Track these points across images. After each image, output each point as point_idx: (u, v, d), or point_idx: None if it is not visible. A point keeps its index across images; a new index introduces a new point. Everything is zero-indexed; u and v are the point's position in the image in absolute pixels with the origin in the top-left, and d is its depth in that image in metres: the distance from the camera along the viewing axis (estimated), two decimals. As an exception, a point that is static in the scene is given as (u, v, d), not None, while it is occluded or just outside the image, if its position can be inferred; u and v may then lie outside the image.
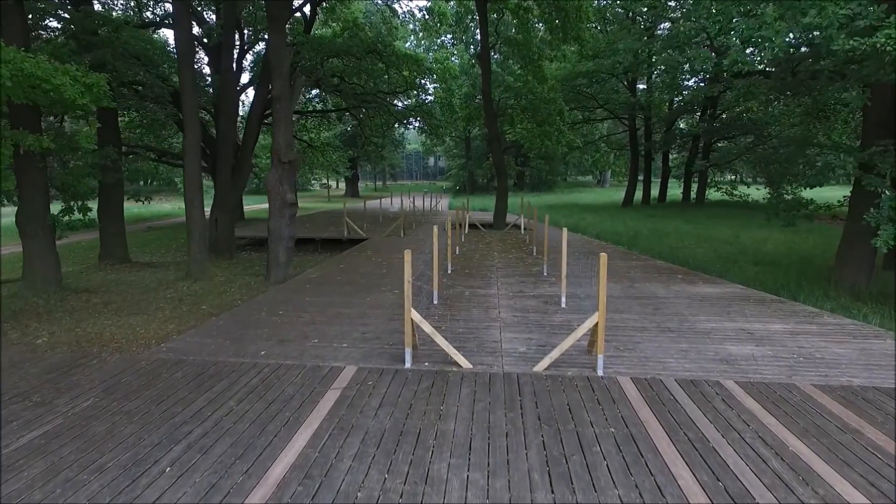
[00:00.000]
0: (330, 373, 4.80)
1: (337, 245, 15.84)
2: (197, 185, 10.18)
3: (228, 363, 5.05)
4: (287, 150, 9.69)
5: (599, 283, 4.71)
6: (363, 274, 9.70)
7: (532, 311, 7.04)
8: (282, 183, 9.79)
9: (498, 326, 6.30)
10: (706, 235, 16.18)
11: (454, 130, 27.31)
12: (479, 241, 14.46)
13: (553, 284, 8.69)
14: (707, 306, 7.23)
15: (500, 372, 4.82)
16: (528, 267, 10.43)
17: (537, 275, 9.56)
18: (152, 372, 4.88)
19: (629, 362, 5.10)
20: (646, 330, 6.15)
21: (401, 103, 27.00)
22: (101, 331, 7.53)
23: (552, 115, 17.88)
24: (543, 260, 9.90)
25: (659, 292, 8.13)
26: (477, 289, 8.41)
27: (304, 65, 20.80)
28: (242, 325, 6.39)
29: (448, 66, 25.10)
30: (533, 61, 17.92)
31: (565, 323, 6.42)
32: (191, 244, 10.32)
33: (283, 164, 9.71)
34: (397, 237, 15.61)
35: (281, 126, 9.66)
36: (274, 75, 9.57)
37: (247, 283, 10.20)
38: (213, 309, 8.52)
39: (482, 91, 17.58)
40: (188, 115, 9.91)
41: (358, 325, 6.37)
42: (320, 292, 8.18)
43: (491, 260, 11.30)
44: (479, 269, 10.17)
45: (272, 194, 9.82)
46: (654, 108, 29.10)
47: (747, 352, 5.37)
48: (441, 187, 61.73)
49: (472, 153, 50.44)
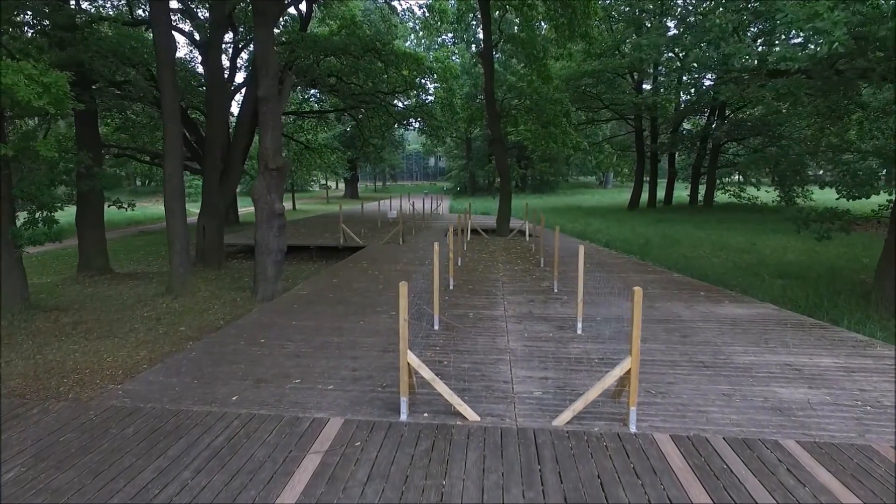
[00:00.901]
0: (310, 428, 4.03)
1: (333, 253, 15.07)
2: (178, 192, 9.41)
3: (192, 414, 4.28)
4: (275, 156, 8.92)
5: (633, 322, 3.94)
6: (357, 291, 8.92)
7: (545, 338, 6.27)
8: (269, 191, 9.02)
9: (507, 360, 5.52)
10: (720, 243, 15.40)
11: (455, 131, 26.53)
12: (482, 250, 13.68)
13: (566, 304, 7.91)
14: (740, 333, 6.45)
15: (513, 426, 4.05)
16: (537, 282, 9.65)
17: (547, 292, 8.79)
18: (100, 426, 4.10)
19: (664, 411, 4.32)
20: (676, 365, 5.37)
21: (401, 104, 26.23)
22: (65, 358, 6.78)
23: (558, 115, 17.10)
24: (553, 274, 9.13)
25: (683, 314, 7.35)
26: (482, 309, 7.63)
27: (299, 64, 20.04)
28: (217, 359, 5.62)
29: (449, 66, 24.33)
30: (537, 60, 17.14)
31: (584, 356, 5.64)
32: (172, 257, 9.55)
33: (270, 171, 8.94)
34: (396, 244, 14.84)
35: (269, 129, 8.89)
36: (261, 74, 8.79)
37: (232, 299, 9.44)
38: (192, 331, 7.77)
39: (484, 90, 16.81)
40: (168, 116, 9.15)
41: (348, 358, 5.60)
42: (309, 314, 7.41)
43: (495, 273, 10.52)
44: (484, 284, 9.39)
45: (259, 203, 9.05)
46: (661, 108, 28.32)
47: (801, 397, 4.59)
48: (441, 188, 60.97)
49: (473, 154, 49.67)
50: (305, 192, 59.49)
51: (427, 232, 18.29)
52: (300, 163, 27.53)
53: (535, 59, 17.06)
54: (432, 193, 49.29)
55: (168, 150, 9.23)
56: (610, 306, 7.77)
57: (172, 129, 9.16)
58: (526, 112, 18.14)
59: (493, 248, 14.24)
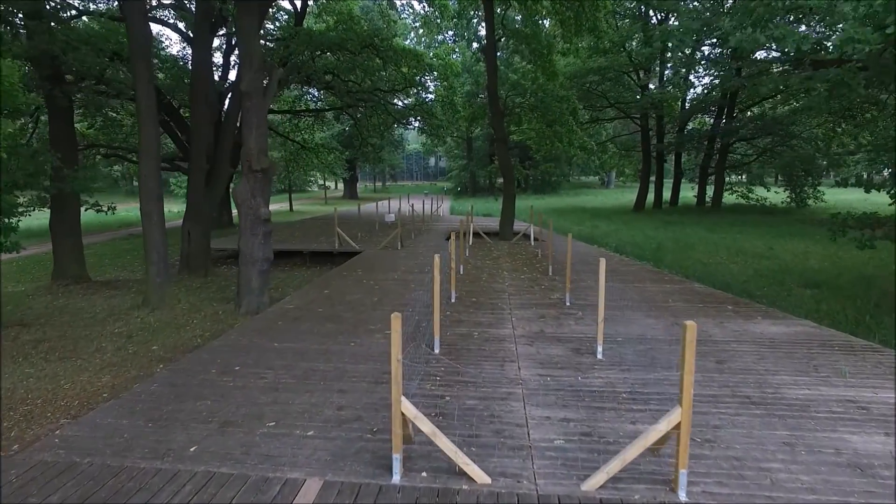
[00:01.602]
0: (282, 492, 3.24)
1: (327, 259, 14.28)
2: (154, 195, 8.62)
3: (137, 473, 3.49)
4: (260, 156, 8.13)
5: (683, 364, 3.15)
6: (350, 304, 8.13)
7: (561, 364, 5.47)
8: (254, 195, 8.23)
9: (520, 394, 4.73)
10: (736, 247, 14.60)
11: (456, 131, 25.75)
12: (485, 256, 12.88)
13: (581, 321, 7.11)
14: (783, 357, 5.66)
15: (532, 491, 3.26)
16: (546, 293, 8.85)
17: (558, 305, 7.99)
18: (19, 492, 3.31)
19: (717, 469, 3.53)
20: (719, 401, 4.58)
21: (400, 102, 25.44)
22: (16, 385, 6.01)
23: (564, 114, 16.29)
24: (565, 286, 8.33)
25: (714, 333, 6.55)
26: (487, 327, 6.84)
27: (294, 60, 19.25)
28: (181, 392, 4.83)
29: (450, 63, 23.54)
30: (543, 55, 16.34)
31: (608, 388, 4.85)
32: (148, 266, 8.77)
33: (254, 173, 8.15)
34: (394, 249, 14.04)
35: (253, 127, 8.10)
36: (243, 66, 8.00)
37: (213, 312, 8.65)
38: (165, 351, 6.99)
39: (487, 88, 16.01)
40: (144, 114, 8.35)
41: (334, 391, 4.80)
42: (294, 334, 6.62)
43: (501, 282, 9.73)
44: (488, 296, 8.60)
45: (243, 209, 8.26)
46: (667, 106, 27.51)
47: (878, 447, 3.80)
48: (442, 188, 60.17)
49: (473, 154, 48.87)
50: (304, 193, 58.72)
51: (427, 235, 17.51)
52: (296, 163, 26.74)
53: (539, 54, 16.27)
54: (432, 194, 48.49)
55: (143, 150, 8.44)
56: (629, 323, 6.98)
57: (148, 128, 8.37)
58: (530, 110, 17.33)
59: (497, 253, 13.44)
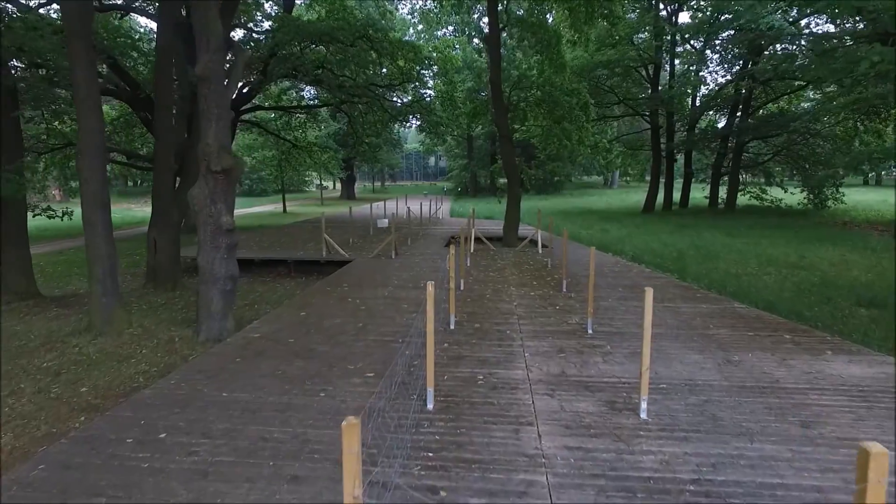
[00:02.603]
0: None
1: (314, 268, 12.94)
2: (98, 201, 7.29)
3: None
4: (221, 154, 6.78)
5: None
6: (328, 332, 6.78)
7: (595, 429, 4.12)
8: (214, 201, 6.88)
9: (544, 481, 3.39)
10: (765, 255, 13.24)
11: (456, 128, 24.43)
12: (488, 267, 11.53)
13: (609, 357, 5.76)
14: (885, 416, 4.31)
15: None
16: (562, 316, 7.49)
17: (579, 333, 6.64)
18: None
19: None
20: (820, 491, 3.23)
21: (399, 100, 24.09)
22: None
23: (574, 109, 14.93)
24: (585, 309, 6.99)
25: (779, 375, 5.21)
26: (495, 367, 5.49)
27: (281, 52, 17.93)
28: (69, 482, 3.48)
29: (449, 56, 22.23)
30: (550, 45, 14.97)
31: (665, 471, 3.50)
32: (92, 285, 7.44)
33: (214, 175, 6.81)
34: (387, 258, 12.69)
35: (212, 119, 6.75)
36: (199, 46, 6.66)
37: (168, 339, 7.31)
38: (95, 394, 5.67)
39: (490, 81, 14.66)
40: (82, 102, 7.00)
41: (284, 480, 3.45)
42: (250, 377, 5.27)
43: (508, 301, 8.37)
44: (494, 320, 7.25)
45: (201, 217, 6.92)
46: (677, 102, 26.16)
47: None
48: (442, 188, 58.83)
49: (474, 153, 47.50)
50: (301, 193, 57.37)
51: (425, 241, 16.15)
52: (288, 162, 25.39)
53: (547, 44, 14.90)
54: (432, 194, 47.17)
55: (83, 147, 7.10)
56: (670, 360, 5.63)
57: (89, 120, 7.02)
58: (536, 105, 15.96)
59: (502, 262, 12.09)
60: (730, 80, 24.06)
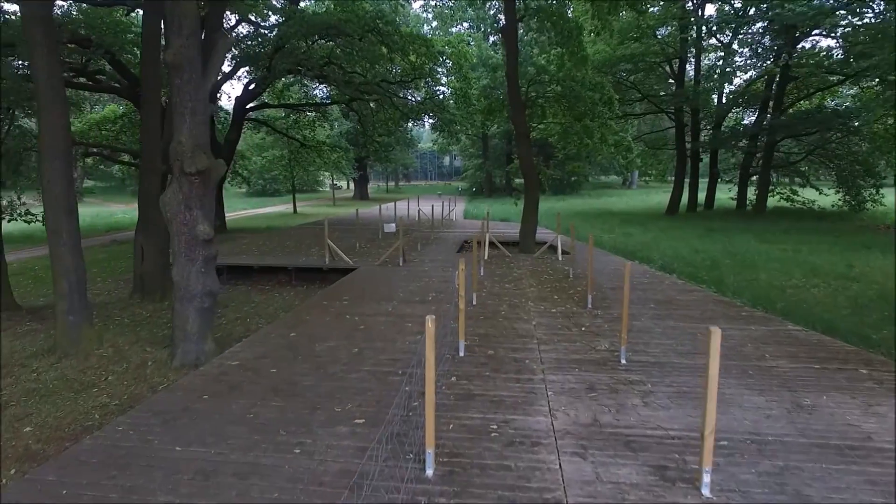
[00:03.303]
0: None
1: (317, 276, 12.10)
2: (63, 206, 6.47)
3: None
4: (196, 154, 5.91)
5: None
6: (319, 359, 5.87)
7: (643, 513, 3.14)
8: (189, 207, 6.02)
9: None
10: (808, 264, 12.04)
11: (471, 126, 23.46)
12: (503, 277, 10.54)
13: (650, 396, 4.74)
14: None
15: None
16: (590, 340, 6.49)
17: (611, 364, 5.63)
18: None
19: None
20: None
21: (411, 98, 23.19)
22: None
23: (597, 104, 13.85)
24: (617, 333, 5.99)
25: (867, 428, 4.16)
26: (511, 411, 4.51)
27: (288, 47, 17.16)
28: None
29: (464, 51, 21.24)
30: (571, 37, 13.90)
31: None
32: (57, 302, 6.63)
33: (189, 177, 5.94)
34: (395, 266, 11.77)
35: (186, 114, 5.89)
36: (169, 30, 5.79)
37: (141, 363, 6.47)
38: (38, 438, 4.85)
39: (507, 75, 13.65)
40: (44, 95, 6.19)
41: None
42: (215, 424, 4.37)
43: (526, 320, 7.39)
44: (510, 344, 6.28)
45: (174, 225, 6.06)
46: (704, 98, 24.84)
47: None
48: (456, 188, 57.86)
49: (490, 153, 46.42)
50: (314, 193, 56.85)
51: (436, 246, 15.21)
52: (297, 162, 24.65)
53: (567, 35, 13.83)
54: (446, 195, 46.24)
55: (46, 146, 6.29)
56: (727, 402, 4.60)
57: (51, 114, 6.21)
58: (555, 101, 14.91)
59: (518, 272, 11.09)
60: (760, 75, 22.70)
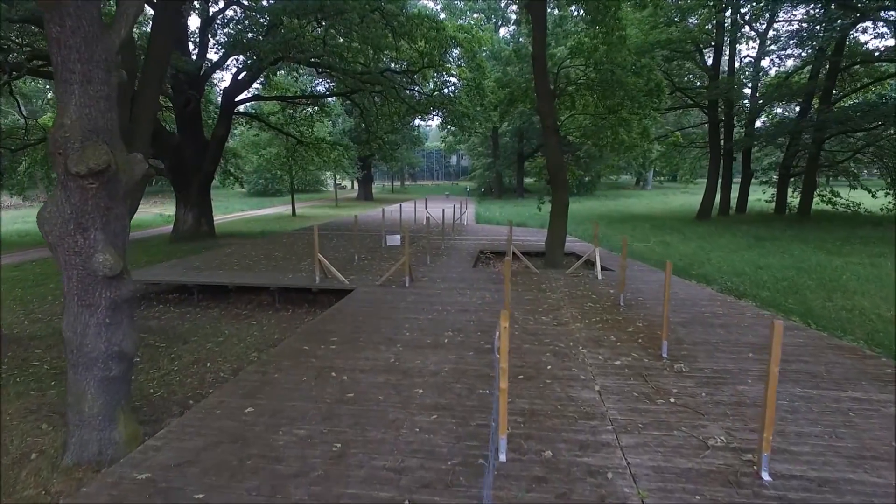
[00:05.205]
0: None
1: (304, 298, 10.02)
2: None
3: None
4: (87, 146, 3.81)
5: None
6: (273, 472, 3.76)
7: None
8: (83, 227, 3.92)
9: None
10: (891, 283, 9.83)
11: (485, 121, 21.34)
12: (536, 305, 8.37)
13: None
14: None
15: None
16: (692, 423, 4.33)
17: (745, 480, 3.48)
18: None
19: None
20: None
21: (419, 91, 21.06)
22: None
23: (640, 93, 11.66)
24: (760, 438, 3.85)
25: None
26: None
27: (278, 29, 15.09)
28: None
29: (477, 36, 19.09)
30: (607, 12, 11.69)
31: None
32: None
33: (78, 181, 3.84)
34: (400, 286, 9.64)
35: (73, 83, 3.79)
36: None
37: (21, 457, 4.38)
38: None
39: (533, 58, 11.48)
40: None
41: None
42: None
43: (585, 381, 5.23)
44: (576, 435, 4.12)
45: (59, 254, 3.97)
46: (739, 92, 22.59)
47: None
48: (465, 188, 55.68)
49: (500, 151, 44.23)
50: (316, 193, 54.82)
51: (447, 258, 13.07)
52: (294, 160, 22.60)
53: (604, 10, 11.61)
54: (454, 195, 44.12)
55: None
56: None
57: None
58: (587, 88, 12.73)
59: (553, 295, 8.93)
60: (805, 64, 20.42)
